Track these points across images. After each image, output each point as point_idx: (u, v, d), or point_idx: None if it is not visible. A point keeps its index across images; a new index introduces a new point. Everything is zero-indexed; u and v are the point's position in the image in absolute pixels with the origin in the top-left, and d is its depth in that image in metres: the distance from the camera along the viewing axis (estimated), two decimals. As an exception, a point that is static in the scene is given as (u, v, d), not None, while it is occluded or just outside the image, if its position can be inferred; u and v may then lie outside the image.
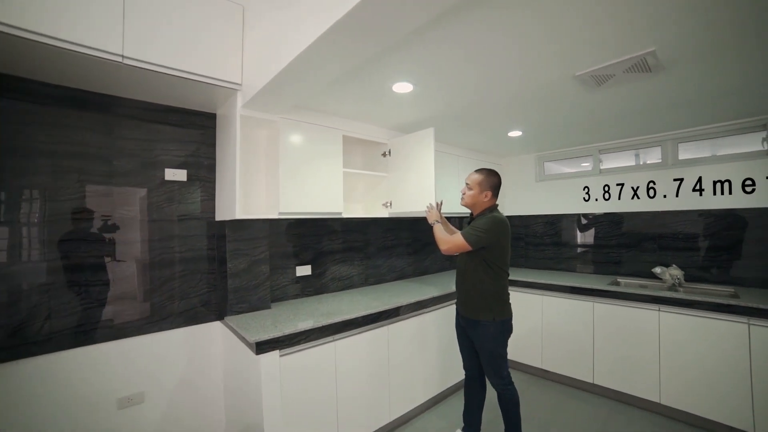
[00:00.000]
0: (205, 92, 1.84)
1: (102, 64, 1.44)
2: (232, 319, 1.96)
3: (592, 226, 3.29)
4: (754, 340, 2.11)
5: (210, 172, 2.15)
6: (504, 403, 1.95)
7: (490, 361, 1.92)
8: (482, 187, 1.92)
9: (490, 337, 1.89)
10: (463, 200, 2.00)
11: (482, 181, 1.93)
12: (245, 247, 2.07)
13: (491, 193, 1.93)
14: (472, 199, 1.95)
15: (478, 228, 1.83)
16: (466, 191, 1.98)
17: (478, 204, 1.95)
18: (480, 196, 1.93)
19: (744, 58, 1.59)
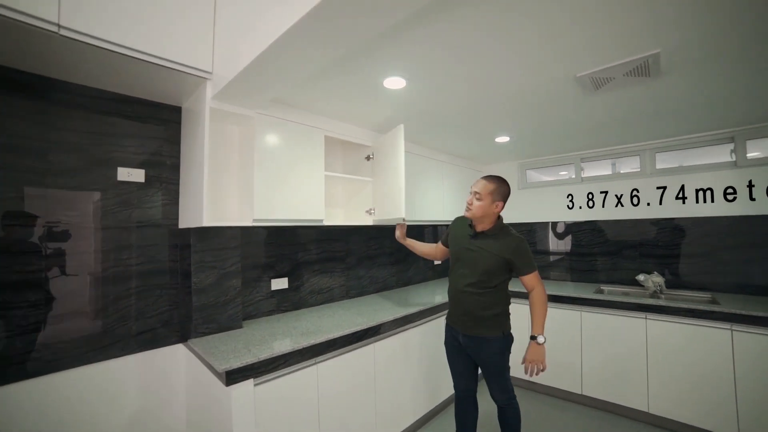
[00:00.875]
0: (168, 80, 1.60)
1: (31, 33, 1.18)
2: (198, 342, 1.70)
3: (575, 233, 3.28)
4: (737, 346, 2.12)
5: (173, 173, 1.88)
6: (508, 418, 1.85)
7: (498, 377, 1.82)
8: (494, 197, 1.74)
9: (499, 353, 1.79)
10: (471, 212, 1.77)
11: (494, 190, 1.74)
12: (213, 258, 1.82)
13: (502, 203, 1.77)
14: (483, 210, 1.74)
15: (530, 256, 1.77)
16: (473, 201, 1.76)
17: (488, 216, 1.76)
18: (491, 207, 1.74)
19: (737, 67, 1.59)
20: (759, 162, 2.50)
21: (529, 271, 1.75)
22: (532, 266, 1.76)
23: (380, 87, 1.78)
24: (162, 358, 1.79)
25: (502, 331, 1.79)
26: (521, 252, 1.73)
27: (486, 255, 1.76)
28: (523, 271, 1.74)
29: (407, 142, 2.82)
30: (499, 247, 1.74)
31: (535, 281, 1.76)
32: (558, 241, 3.40)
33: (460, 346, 1.90)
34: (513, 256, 1.72)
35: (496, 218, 1.81)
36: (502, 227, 1.80)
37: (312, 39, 1.16)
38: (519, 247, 1.73)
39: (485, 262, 1.76)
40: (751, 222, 2.51)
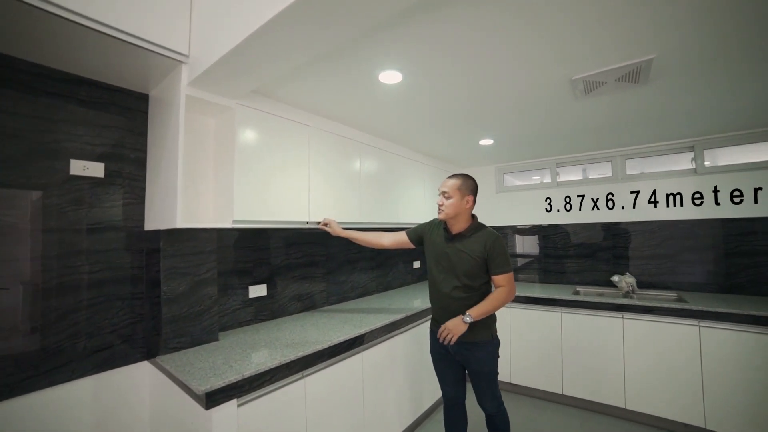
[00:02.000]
0: (134, 61, 1.41)
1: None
2: (169, 359, 1.50)
3: (551, 236, 3.37)
4: (704, 341, 2.25)
5: (139, 168, 1.67)
6: (498, 426, 1.81)
7: (489, 383, 1.75)
8: (462, 192, 1.70)
9: (490, 357, 1.73)
10: (444, 212, 1.72)
11: (461, 185, 1.70)
12: (186, 264, 1.63)
13: (472, 197, 1.73)
14: (455, 207, 1.70)
15: (506, 257, 1.68)
16: (443, 201, 1.71)
17: (462, 213, 1.72)
18: (462, 202, 1.70)
19: (711, 78, 1.68)
20: (716, 170, 2.69)
21: (501, 271, 1.66)
22: (505, 267, 1.66)
23: (375, 81, 1.69)
24: (123, 380, 1.56)
25: (491, 333, 1.74)
26: (495, 250, 1.65)
27: (464, 257, 1.69)
28: (495, 271, 1.66)
29: (389, 142, 2.75)
30: (475, 248, 1.68)
31: (505, 280, 1.66)
32: (535, 243, 3.48)
33: (448, 354, 1.81)
34: (487, 254, 1.66)
35: (471, 218, 1.76)
36: (477, 226, 1.74)
37: (306, 23, 1.06)
38: (493, 245, 1.66)
39: (464, 265, 1.69)
40: (712, 225, 2.69)
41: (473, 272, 1.68)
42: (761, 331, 2.09)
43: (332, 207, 2.19)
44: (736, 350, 2.16)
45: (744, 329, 2.14)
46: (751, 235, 2.57)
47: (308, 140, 2.06)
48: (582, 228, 3.21)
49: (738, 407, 2.14)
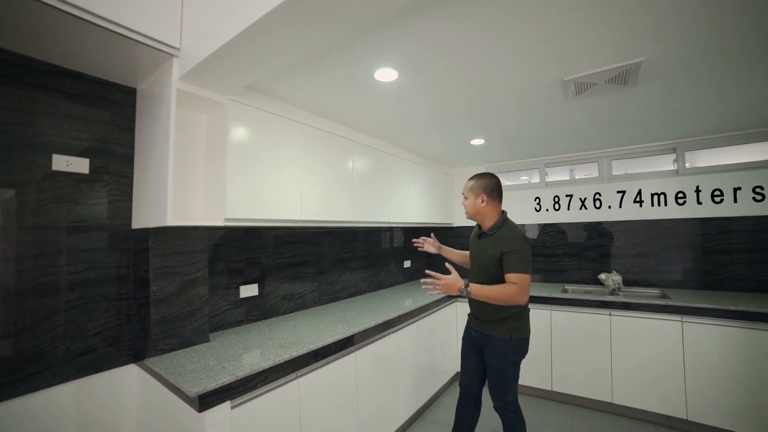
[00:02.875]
0: (122, 53, 1.36)
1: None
2: (158, 360, 1.45)
3: (540, 235, 3.42)
4: (686, 336, 2.33)
5: (126, 165, 1.61)
6: (504, 428, 1.81)
7: (498, 381, 1.78)
8: (475, 192, 1.78)
9: (502, 356, 1.74)
10: (467, 213, 1.86)
11: (473, 185, 1.80)
12: (177, 263, 1.58)
13: (486, 196, 1.76)
14: (472, 207, 1.80)
15: (521, 258, 1.62)
16: (463, 202, 1.86)
17: (481, 212, 1.79)
18: (477, 202, 1.78)
19: (696, 82, 1.74)
20: (696, 171, 2.79)
21: (512, 270, 1.61)
22: (518, 267, 1.61)
23: (371, 79, 1.68)
24: (108, 384, 1.51)
25: (510, 333, 1.72)
26: (510, 248, 1.64)
27: (485, 254, 1.75)
28: (506, 269, 1.64)
29: (382, 141, 2.75)
30: (495, 245, 1.70)
31: (516, 279, 1.60)
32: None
33: (473, 341, 1.90)
34: (505, 251, 1.65)
35: (497, 216, 1.78)
36: (502, 225, 1.75)
37: (301, 20, 1.05)
38: (512, 244, 1.65)
39: (484, 261, 1.75)
40: (692, 224, 2.79)
41: (488, 268, 1.72)
42: (739, 325, 2.18)
43: (325, 205, 2.17)
44: (716, 344, 2.24)
45: (723, 323, 2.22)
46: (728, 233, 2.67)
47: (302, 138, 2.04)
48: (570, 227, 3.27)
49: (718, 398, 2.23)
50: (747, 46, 1.43)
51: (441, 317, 2.89)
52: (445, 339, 2.94)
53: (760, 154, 2.61)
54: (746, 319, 2.16)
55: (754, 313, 2.14)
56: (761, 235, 2.58)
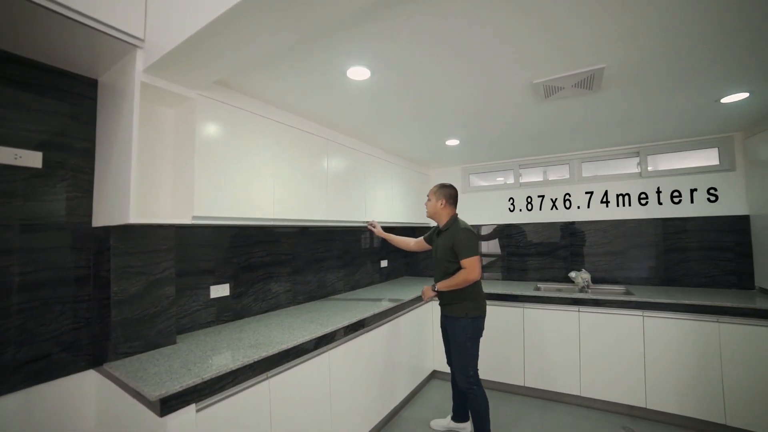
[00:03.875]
0: (81, 43, 1.30)
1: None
2: (119, 365, 1.39)
3: (514, 235, 3.51)
4: (647, 329, 2.45)
5: (86, 160, 1.54)
6: (470, 405, 2.08)
7: (459, 356, 2.10)
8: (437, 197, 2.18)
9: (460, 330, 2.08)
10: (426, 212, 2.26)
11: (437, 191, 2.20)
12: (141, 262, 1.52)
13: (445, 201, 2.17)
14: (431, 208, 2.21)
15: (466, 245, 2.01)
16: (426, 203, 2.25)
17: (438, 212, 2.19)
18: (437, 204, 2.18)
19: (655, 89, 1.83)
20: (657, 173, 2.95)
21: (464, 255, 2.01)
22: (468, 253, 2.00)
23: (344, 77, 1.68)
24: (62, 392, 1.42)
25: (465, 313, 2.07)
26: (460, 239, 2.03)
27: (441, 248, 2.14)
28: (460, 255, 2.02)
29: (357, 140, 2.74)
30: (448, 238, 2.10)
31: (467, 263, 2.00)
32: (499, 243, 3.60)
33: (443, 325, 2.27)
34: (454, 242, 2.04)
35: (449, 216, 2.18)
36: (453, 223, 2.14)
37: (271, 11, 1.03)
38: (458, 235, 2.04)
39: (441, 254, 2.14)
40: (654, 224, 2.94)
41: (447, 258, 2.10)
42: (693, 318, 2.32)
43: (298, 204, 2.15)
44: (673, 336, 2.37)
45: (679, 317, 2.35)
46: (684, 233, 2.84)
47: (274, 135, 2.00)
48: (542, 227, 3.37)
49: (673, 386, 2.36)
50: (694, 58, 1.53)
51: (417, 316, 2.92)
52: (421, 337, 2.96)
53: (712, 159, 2.80)
54: (696, 312, 2.31)
55: (701, 306, 2.30)
56: (710, 234, 2.76)
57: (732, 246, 2.70)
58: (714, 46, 1.45)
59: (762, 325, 2.15)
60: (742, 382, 2.19)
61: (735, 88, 1.89)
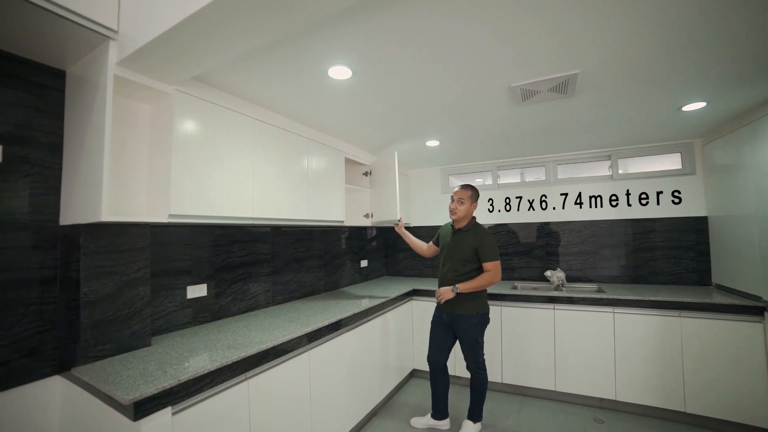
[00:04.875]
0: (46, 30, 1.24)
1: None
2: (89, 369, 1.33)
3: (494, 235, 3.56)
4: (617, 325, 2.57)
5: (53, 155, 1.46)
6: (476, 386, 2.27)
7: (471, 348, 2.23)
8: (472, 200, 2.26)
9: (472, 328, 2.20)
10: (456, 214, 2.26)
11: (471, 195, 2.27)
12: (113, 262, 1.46)
13: (475, 204, 2.30)
14: (465, 211, 2.25)
15: (493, 249, 2.16)
16: (457, 206, 2.25)
17: (468, 215, 2.27)
18: (471, 207, 2.26)
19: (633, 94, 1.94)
20: (627, 176, 3.10)
21: (488, 259, 2.15)
22: (492, 256, 2.15)
23: (325, 76, 1.67)
24: (22, 401, 1.34)
25: (476, 311, 2.20)
26: (485, 243, 2.17)
27: (462, 246, 2.22)
28: (484, 258, 2.16)
29: (338, 140, 2.74)
30: (471, 240, 2.20)
31: (491, 267, 2.15)
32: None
33: (444, 323, 2.31)
34: (479, 245, 2.16)
35: (471, 218, 2.29)
36: (475, 225, 2.26)
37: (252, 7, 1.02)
38: (484, 239, 2.17)
39: (461, 252, 2.22)
40: (624, 224, 3.08)
41: (467, 258, 2.19)
42: (659, 313, 2.45)
43: (278, 203, 2.12)
44: (640, 330, 2.50)
45: (647, 313, 2.48)
46: (651, 233, 3.00)
47: (255, 134, 1.98)
48: (520, 227, 3.47)
49: (641, 378, 2.49)
50: (659, 68, 1.63)
51: (397, 315, 2.94)
52: (401, 337, 2.99)
53: (676, 163, 2.97)
54: (662, 308, 2.45)
55: (666, 302, 2.43)
56: (674, 235, 2.93)
57: (693, 245, 2.87)
58: (677, 58, 1.55)
59: (718, 318, 2.31)
60: (700, 372, 2.34)
61: (694, 98, 2.02)
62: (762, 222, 2.18)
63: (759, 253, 2.22)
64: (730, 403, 2.25)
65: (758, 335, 2.21)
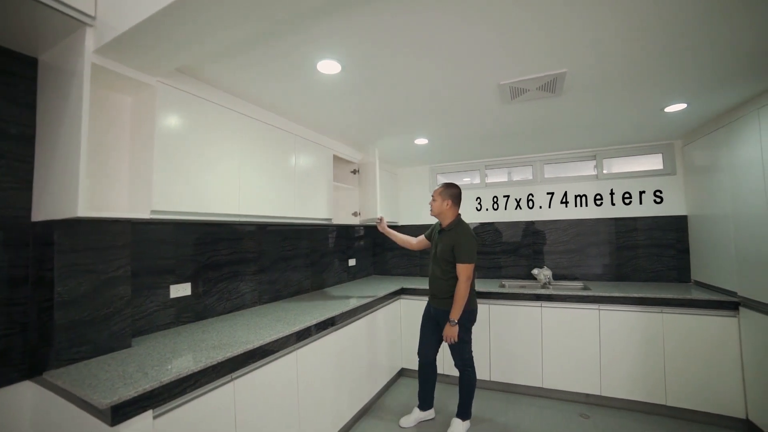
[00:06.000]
0: (14, 14, 1.17)
1: None
2: (63, 372, 1.26)
3: (480, 234, 3.62)
4: (602, 321, 2.62)
5: (24, 147, 1.39)
6: (463, 382, 2.29)
7: (457, 345, 2.21)
8: (443, 197, 2.26)
9: (458, 325, 2.17)
10: (432, 211, 2.31)
11: (442, 191, 2.27)
12: (91, 260, 1.40)
13: (451, 201, 2.25)
14: (437, 207, 2.27)
15: (467, 250, 2.12)
16: (431, 203, 2.30)
17: (444, 212, 2.26)
18: (443, 204, 2.25)
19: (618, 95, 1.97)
20: (612, 176, 3.17)
21: (460, 260, 2.12)
22: (464, 258, 2.11)
23: (314, 70, 1.64)
24: (-7, 405, 1.27)
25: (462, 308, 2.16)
26: (460, 243, 2.14)
27: (443, 245, 2.22)
28: (457, 259, 2.14)
29: (325, 136, 2.70)
30: (451, 238, 2.19)
31: (461, 271, 2.12)
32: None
33: (432, 317, 2.35)
34: (455, 243, 2.15)
35: (453, 217, 2.27)
36: (457, 224, 2.24)
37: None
38: (459, 239, 2.15)
39: (442, 251, 2.22)
40: (608, 223, 3.15)
41: (448, 257, 2.19)
42: (641, 309, 2.51)
43: (265, 200, 2.08)
44: (624, 327, 2.55)
45: (630, 309, 2.54)
46: (634, 231, 3.07)
47: (241, 129, 1.93)
48: (507, 226, 3.51)
49: (624, 373, 2.54)
50: (642, 69, 1.67)
51: (386, 314, 2.92)
52: (390, 336, 2.97)
53: (657, 163, 3.05)
54: (645, 304, 2.51)
55: (649, 299, 2.50)
56: (656, 233, 3.01)
57: (673, 243, 2.96)
58: (660, 60, 1.58)
59: (696, 314, 2.38)
60: (680, 365, 2.41)
61: (676, 99, 2.07)
62: (737, 221, 2.26)
63: (734, 251, 2.29)
64: (707, 395, 2.33)
65: (733, 329, 2.29)
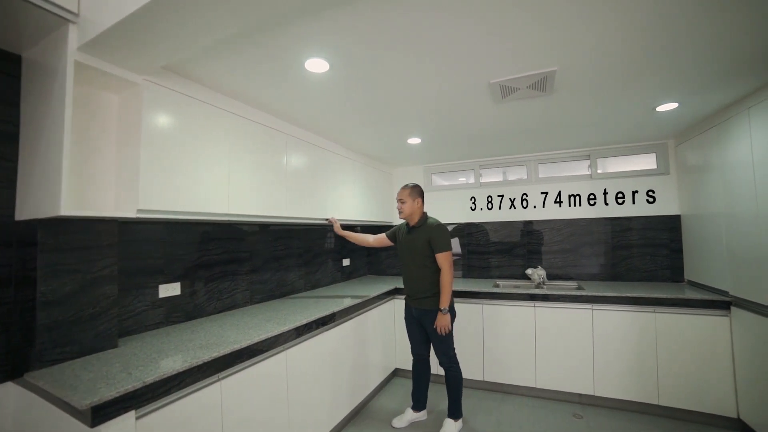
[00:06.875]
0: (4, 12, 1.16)
1: None
2: (45, 373, 1.25)
3: (474, 234, 3.61)
4: (596, 321, 2.61)
5: (7, 145, 1.37)
6: (449, 381, 2.30)
7: (440, 342, 2.25)
8: (413, 197, 2.29)
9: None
10: (403, 213, 2.31)
11: (411, 191, 2.30)
12: (75, 259, 1.38)
13: (420, 199, 2.31)
14: (409, 208, 2.29)
15: (441, 237, 2.19)
16: (401, 206, 2.30)
17: (415, 212, 2.30)
18: (414, 204, 2.29)
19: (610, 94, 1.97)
20: (605, 176, 3.17)
21: (440, 250, 2.18)
22: (443, 246, 2.18)
23: (302, 68, 1.63)
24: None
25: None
26: (435, 234, 2.20)
27: (417, 243, 2.25)
28: (437, 249, 2.18)
29: (317, 136, 2.69)
30: (423, 234, 2.23)
31: (443, 260, 2.18)
32: (460, 241, 3.69)
33: (414, 318, 2.37)
34: (430, 237, 2.20)
35: (421, 213, 2.31)
36: (426, 219, 2.28)
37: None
38: (434, 230, 2.21)
39: (417, 248, 2.24)
40: (602, 223, 3.15)
41: (424, 253, 2.22)
42: (635, 309, 2.51)
43: (255, 200, 2.06)
44: (617, 326, 2.55)
45: (623, 309, 2.54)
46: (628, 231, 3.07)
47: (230, 127, 1.91)
48: (501, 226, 3.50)
49: (617, 373, 2.54)
50: (634, 67, 1.66)
51: (379, 314, 2.91)
52: (384, 336, 2.96)
53: (651, 163, 3.05)
54: (638, 304, 2.51)
55: (642, 298, 2.50)
56: (649, 233, 3.01)
57: (667, 243, 2.96)
58: (649, 59, 1.58)
59: (689, 313, 2.38)
60: (672, 365, 2.40)
61: (667, 98, 2.07)
62: (729, 220, 2.26)
63: (726, 250, 2.29)
64: (699, 394, 2.33)
65: (725, 328, 2.29)
